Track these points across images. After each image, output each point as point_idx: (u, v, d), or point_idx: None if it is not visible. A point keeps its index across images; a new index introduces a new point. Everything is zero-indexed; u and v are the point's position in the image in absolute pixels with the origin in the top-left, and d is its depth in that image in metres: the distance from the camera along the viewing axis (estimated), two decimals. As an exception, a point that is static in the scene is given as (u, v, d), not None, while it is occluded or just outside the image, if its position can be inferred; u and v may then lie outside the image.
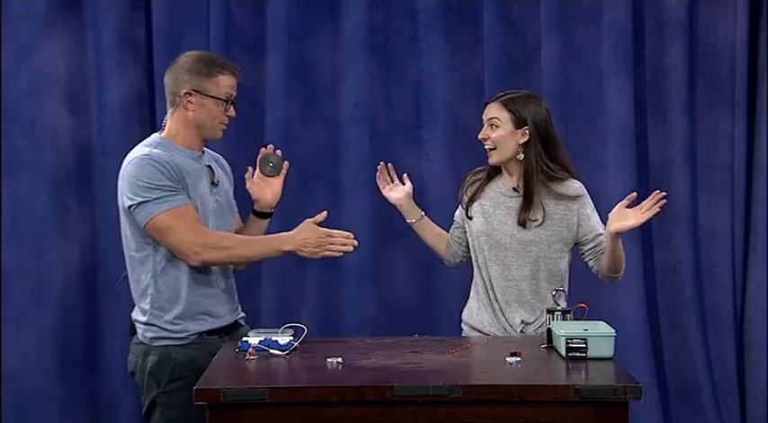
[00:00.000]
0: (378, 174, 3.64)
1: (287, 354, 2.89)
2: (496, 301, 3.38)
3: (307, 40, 4.59)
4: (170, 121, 3.22)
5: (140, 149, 3.16)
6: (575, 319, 3.07)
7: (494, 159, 3.40)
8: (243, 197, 3.43)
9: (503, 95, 3.41)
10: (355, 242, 3.11)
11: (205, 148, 3.33)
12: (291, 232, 3.13)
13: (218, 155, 3.44)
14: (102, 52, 4.59)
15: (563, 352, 2.84)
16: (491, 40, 4.55)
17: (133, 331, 3.23)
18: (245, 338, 2.99)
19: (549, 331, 3.00)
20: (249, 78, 4.60)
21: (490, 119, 3.38)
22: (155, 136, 3.24)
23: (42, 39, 4.59)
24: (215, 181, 3.26)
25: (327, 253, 3.10)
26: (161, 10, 4.55)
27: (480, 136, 3.41)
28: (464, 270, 4.46)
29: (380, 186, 3.64)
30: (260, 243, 3.20)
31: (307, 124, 4.63)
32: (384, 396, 2.51)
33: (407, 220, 3.62)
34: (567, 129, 4.35)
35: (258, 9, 4.61)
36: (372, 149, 4.58)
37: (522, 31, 4.61)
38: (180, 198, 3.09)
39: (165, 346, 3.14)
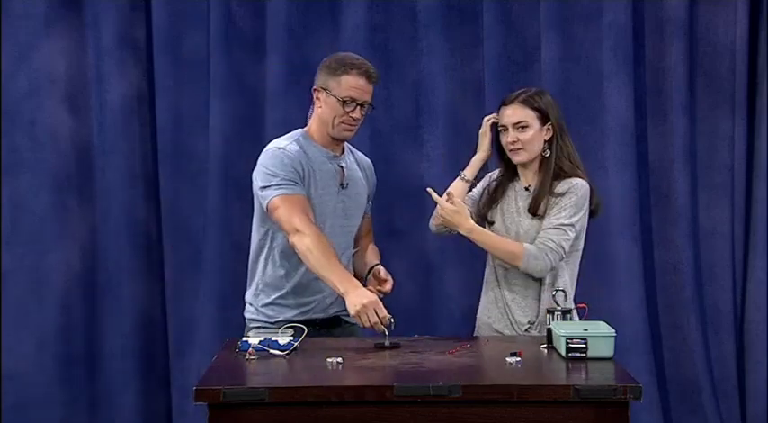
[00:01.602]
0: None
1: (287, 354, 2.89)
2: (503, 298, 3.38)
3: (307, 40, 4.58)
4: (311, 118, 3.36)
5: (279, 141, 3.33)
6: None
7: (521, 158, 3.36)
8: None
9: (519, 95, 3.36)
10: (384, 329, 3.05)
11: (353, 150, 3.46)
12: (359, 289, 3.08)
13: (365, 158, 3.54)
14: (102, 52, 4.58)
15: (563, 352, 2.84)
16: (491, 40, 4.55)
17: None
18: (245, 338, 2.99)
19: (549, 331, 3.00)
20: (249, 78, 4.61)
21: (517, 122, 3.33)
22: (298, 130, 3.39)
23: (42, 39, 4.58)
24: (344, 183, 3.34)
25: (359, 321, 3.06)
26: (161, 10, 4.55)
27: (509, 140, 3.33)
28: (464, 270, 4.47)
29: None
30: (335, 270, 3.12)
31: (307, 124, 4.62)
32: (384, 396, 2.51)
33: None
34: (568, 129, 4.34)
35: (258, 9, 4.60)
36: (372, 149, 4.57)
37: (522, 31, 4.60)
38: (294, 188, 3.22)
39: (256, 328, 3.26)
